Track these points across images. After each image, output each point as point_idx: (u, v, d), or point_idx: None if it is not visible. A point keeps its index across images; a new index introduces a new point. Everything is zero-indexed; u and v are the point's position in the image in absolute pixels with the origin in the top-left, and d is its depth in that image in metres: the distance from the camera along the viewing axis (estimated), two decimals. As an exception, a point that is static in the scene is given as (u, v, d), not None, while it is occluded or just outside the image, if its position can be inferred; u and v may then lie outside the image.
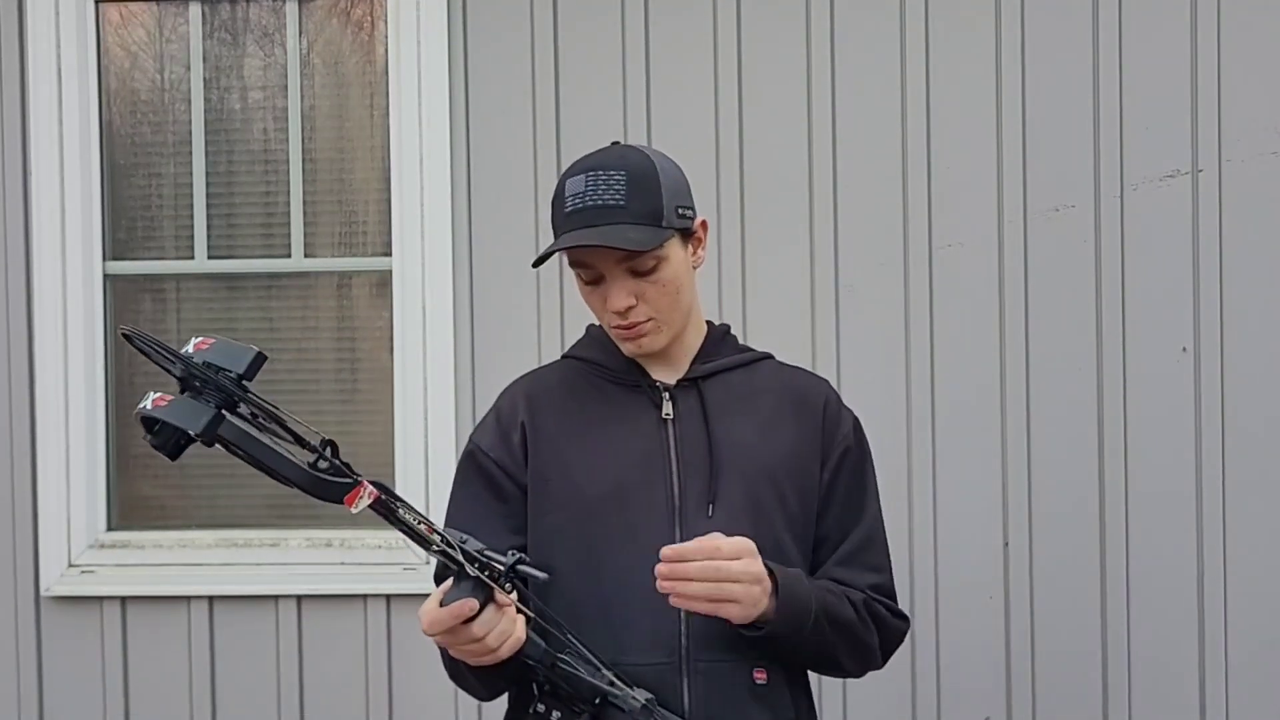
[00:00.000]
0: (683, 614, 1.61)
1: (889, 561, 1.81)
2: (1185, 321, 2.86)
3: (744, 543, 1.54)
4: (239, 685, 3.00)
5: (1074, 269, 2.88)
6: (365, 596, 2.96)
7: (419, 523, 1.36)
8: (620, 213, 1.61)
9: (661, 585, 1.51)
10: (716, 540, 1.52)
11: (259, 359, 1.29)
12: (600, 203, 1.61)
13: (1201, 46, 2.86)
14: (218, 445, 1.27)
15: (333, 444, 1.32)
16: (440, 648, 1.58)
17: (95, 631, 3.02)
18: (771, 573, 1.57)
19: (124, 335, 1.32)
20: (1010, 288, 2.88)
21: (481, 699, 1.70)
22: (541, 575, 1.43)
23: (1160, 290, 2.86)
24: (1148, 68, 2.87)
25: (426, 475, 2.94)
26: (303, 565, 2.99)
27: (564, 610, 1.58)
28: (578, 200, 1.63)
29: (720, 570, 1.50)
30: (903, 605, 2.83)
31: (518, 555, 1.43)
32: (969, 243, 2.89)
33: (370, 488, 1.32)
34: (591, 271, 1.66)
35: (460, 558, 1.38)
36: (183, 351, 1.30)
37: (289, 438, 1.31)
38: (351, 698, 2.98)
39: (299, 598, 2.98)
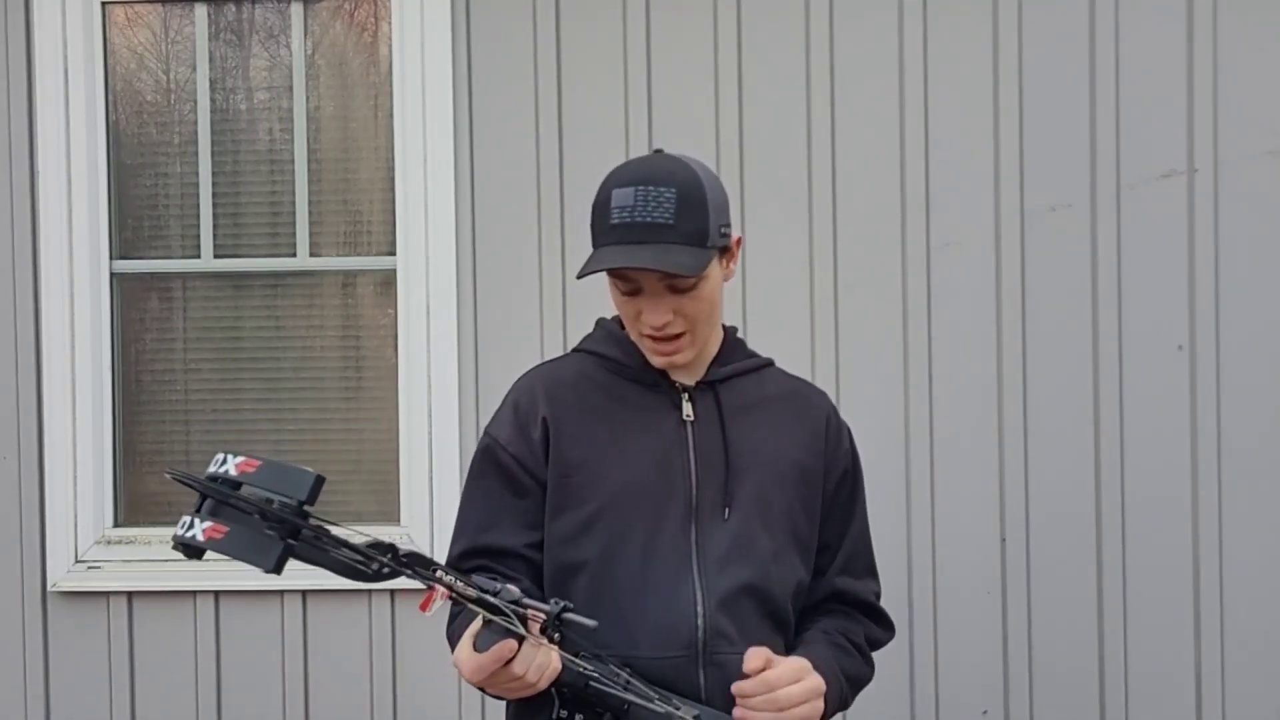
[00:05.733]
0: (699, 609, 1.65)
1: (875, 563, 1.90)
2: (1180, 319, 2.88)
3: (798, 663, 1.60)
4: (245, 680, 3.03)
5: (1070, 267, 2.90)
6: (370, 591, 2.97)
7: (464, 585, 1.37)
8: (669, 232, 1.61)
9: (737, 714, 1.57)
10: (768, 676, 1.57)
11: (319, 482, 1.28)
12: (649, 220, 1.61)
13: (1197, 46, 2.88)
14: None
15: (393, 548, 1.34)
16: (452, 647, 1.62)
17: (101, 627, 3.04)
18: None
19: (172, 477, 1.31)
20: (1007, 286, 2.90)
21: (493, 697, 1.72)
22: (590, 623, 1.43)
23: (1156, 288, 2.88)
24: (1144, 67, 2.89)
25: (430, 471, 2.96)
26: (308, 561, 3.01)
27: (581, 606, 1.61)
28: (625, 214, 1.62)
29: (779, 700, 1.56)
30: (901, 601, 2.90)
31: (563, 604, 1.44)
32: (966, 242, 2.92)
33: (442, 589, 1.34)
34: (630, 284, 1.67)
35: (508, 611, 1.38)
36: (223, 471, 1.29)
37: (356, 555, 1.32)
38: (356, 691, 3.00)
39: (304, 592, 3.00)
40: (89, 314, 3.04)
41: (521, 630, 1.39)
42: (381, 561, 1.32)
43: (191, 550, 1.27)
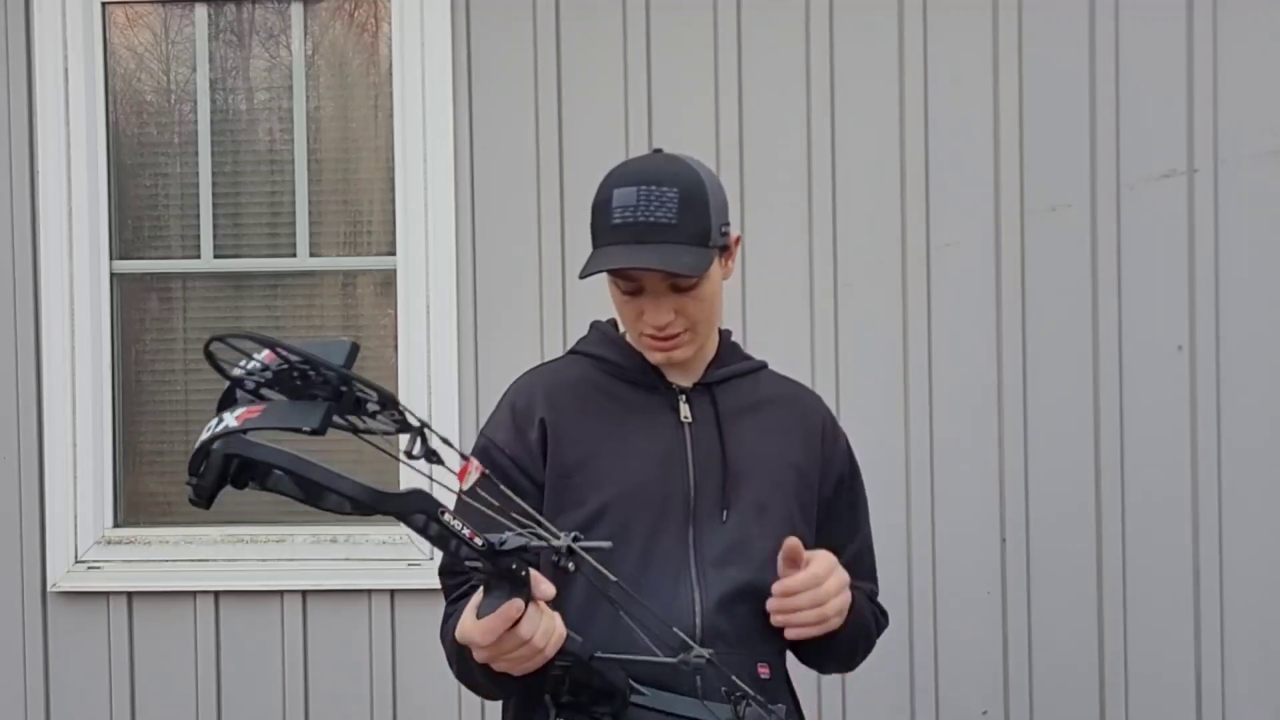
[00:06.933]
0: (696, 610, 1.65)
1: (876, 565, 1.91)
2: (1180, 320, 2.89)
3: (828, 557, 1.62)
4: (244, 680, 3.03)
5: (1070, 268, 2.90)
6: (369, 591, 2.99)
7: (463, 528, 1.33)
8: (672, 232, 1.62)
9: (775, 620, 1.60)
10: (815, 569, 1.60)
11: (354, 349, 1.20)
12: (652, 220, 1.62)
13: (1197, 46, 2.88)
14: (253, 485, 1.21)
15: (421, 431, 1.26)
16: (450, 650, 1.61)
17: (101, 627, 3.04)
18: None
19: (210, 346, 1.19)
20: (1007, 286, 2.90)
21: (491, 699, 1.71)
22: (605, 545, 1.40)
23: (1156, 289, 2.89)
24: (1144, 67, 2.89)
25: (430, 471, 2.96)
26: (308, 561, 3.02)
27: (580, 607, 1.61)
28: (628, 214, 1.62)
29: (821, 596, 1.59)
30: (901, 600, 2.90)
31: (573, 533, 1.39)
32: (966, 242, 2.92)
33: (477, 462, 1.30)
34: (631, 284, 1.67)
35: (531, 544, 1.33)
36: (257, 361, 1.20)
37: (396, 425, 1.24)
38: (356, 693, 3.01)
39: (304, 593, 3.00)
40: (89, 314, 3.05)
41: (538, 542, 1.35)
42: (423, 423, 1.24)
43: (197, 468, 1.17)
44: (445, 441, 1.28)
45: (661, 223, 1.62)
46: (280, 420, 1.15)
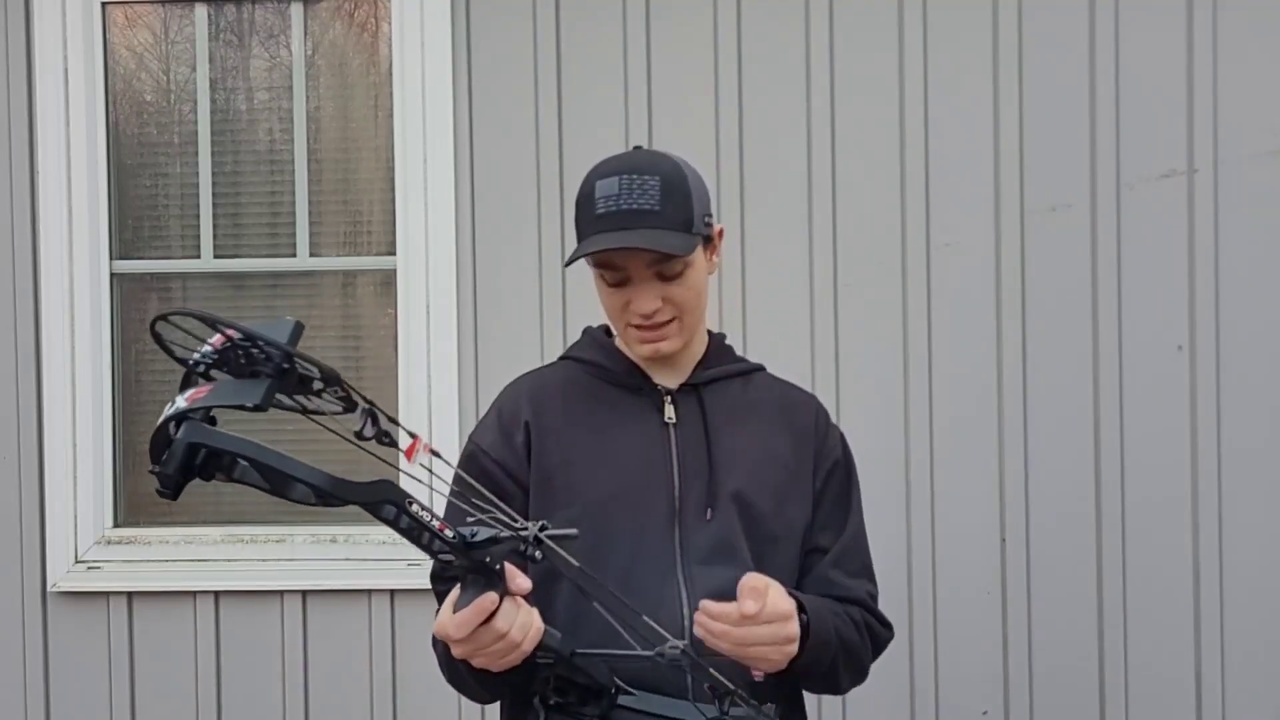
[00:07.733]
0: (684, 610, 1.64)
1: (873, 567, 1.84)
2: (1180, 320, 2.89)
3: (779, 606, 1.51)
4: (244, 680, 3.03)
5: (1070, 268, 2.90)
6: (369, 591, 2.99)
7: (432, 519, 1.34)
8: (654, 217, 1.63)
9: (698, 633, 1.51)
10: (746, 607, 1.49)
11: (299, 327, 1.21)
12: (635, 206, 1.63)
13: (1197, 46, 2.88)
14: (220, 476, 1.21)
15: (372, 411, 1.26)
16: (440, 655, 1.60)
17: (101, 627, 3.04)
18: (801, 609, 1.58)
19: (156, 326, 1.20)
20: (1007, 286, 2.90)
21: (482, 702, 1.71)
22: (570, 532, 1.39)
23: (1156, 289, 2.89)
24: (1144, 67, 2.89)
25: (430, 472, 2.96)
26: (308, 561, 3.02)
27: (568, 606, 1.61)
28: (611, 202, 1.63)
29: (745, 637, 1.49)
30: (900, 600, 2.90)
31: (540, 522, 1.38)
32: (966, 242, 2.92)
33: (424, 442, 1.30)
34: (618, 274, 1.68)
35: (496, 536, 1.33)
36: (204, 350, 1.21)
37: (342, 405, 1.24)
38: (356, 692, 3.01)
39: (304, 593, 3.00)
40: (89, 314, 3.05)
41: (507, 533, 1.34)
42: (367, 402, 1.25)
43: (159, 455, 1.17)
44: (391, 420, 1.28)
45: (644, 209, 1.62)
46: (224, 398, 1.17)
